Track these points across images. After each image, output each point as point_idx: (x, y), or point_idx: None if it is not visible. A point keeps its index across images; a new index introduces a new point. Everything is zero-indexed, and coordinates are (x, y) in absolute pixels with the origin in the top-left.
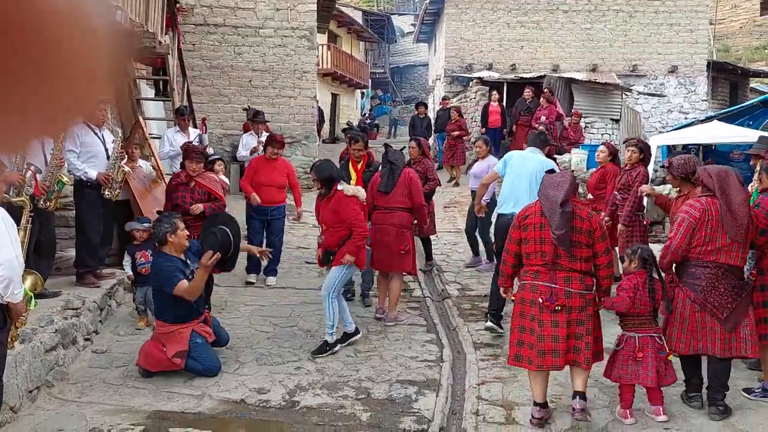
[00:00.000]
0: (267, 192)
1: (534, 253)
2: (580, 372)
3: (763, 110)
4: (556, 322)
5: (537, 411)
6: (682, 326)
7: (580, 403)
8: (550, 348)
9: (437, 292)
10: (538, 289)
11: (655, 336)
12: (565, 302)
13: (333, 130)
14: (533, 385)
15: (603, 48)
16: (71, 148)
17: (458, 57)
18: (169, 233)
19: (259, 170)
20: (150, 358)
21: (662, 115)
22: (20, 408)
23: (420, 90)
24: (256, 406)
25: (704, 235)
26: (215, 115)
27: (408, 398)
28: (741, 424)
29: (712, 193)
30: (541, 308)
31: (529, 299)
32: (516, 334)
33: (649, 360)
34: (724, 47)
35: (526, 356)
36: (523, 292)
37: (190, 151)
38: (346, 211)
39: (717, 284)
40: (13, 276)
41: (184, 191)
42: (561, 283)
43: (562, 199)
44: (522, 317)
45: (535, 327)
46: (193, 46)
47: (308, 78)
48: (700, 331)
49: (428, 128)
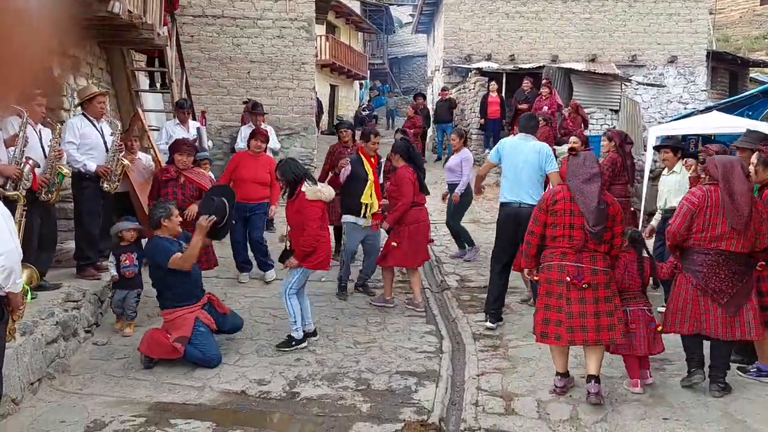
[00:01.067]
0: (249, 188)
1: (562, 237)
2: (595, 356)
3: (762, 100)
4: (584, 299)
5: (559, 380)
6: (684, 309)
7: (594, 386)
8: (579, 324)
9: (436, 284)
10: (565, 269)
11: (645, 309)
12: (591, 280)
13: (331, 122)
14: (556, 358)
15: (602, 38)
16: (71, 140)
17: (457, 47)
18: (163, 218)
19: (242, 165)
20: (152, 342)
21: (661, 106)
22: (22, 400)
23: (419, 81)
24: (256, 398)
25: (703, 222)
26: (213, 107)
27: (408, 389)
28: (739, 414)
29: (716, 182)
30: (568, 286)
31: (556, 279)
32: (542, 313)
33: (641, 331)
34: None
35: (553, 333)
36: (549, 272)
37: (180, 144)
38: (303, 215)
39: (718, 270)
40: (13, 266)
41: (174, 187)
42: (587, 262)
43: (598, 197)
44: (548, 296)
45: (563, 305)
46: (192, 38)
47: (307, 69)
48: (703, 314)
49: (427, 119)
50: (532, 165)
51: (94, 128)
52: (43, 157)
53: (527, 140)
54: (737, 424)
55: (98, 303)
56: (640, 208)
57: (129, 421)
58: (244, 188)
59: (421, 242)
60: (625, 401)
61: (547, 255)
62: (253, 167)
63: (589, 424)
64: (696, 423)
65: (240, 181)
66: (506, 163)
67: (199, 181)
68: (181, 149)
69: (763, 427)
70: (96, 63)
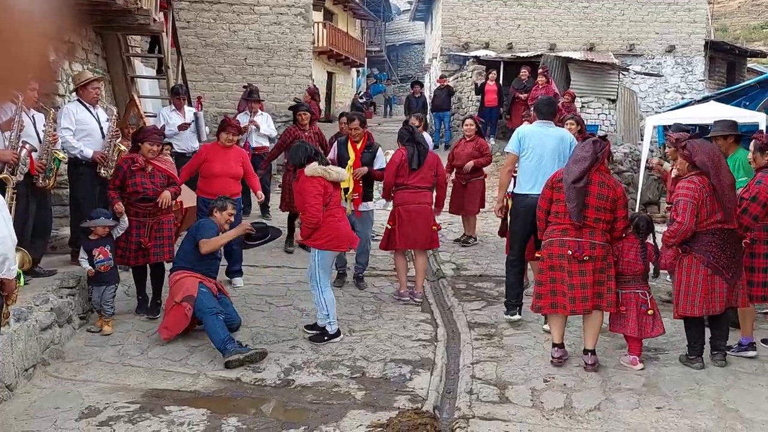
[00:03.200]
0: (221, 183)
1: (563, 213)
2: (592, 330)
3: (759, 91)
4: (584, 271)
5: (556, 351)
6: (695, 291)
7: (591, 358)
8: (580, 295)
9: (432, 272)
10: (566, 244)
11: (638, 292)
12: (590, 253)
13: (329, 109)
14: (554, 328)
15: (600, 27)
16: (67, 126)
17: (455, 36)
18: (217, 209)
19: (213, 159)
20: (169, 321)
21: (659, 95)
22: (16, 386)
23: (416, 69)
24: (251, 385)
25: (706, 211)
26: (210, 93)
27: (402, 377)
28: (731, 404)
29: (701, 172)
30: (569, 260)
31: (558, 253)
32: (548, 285)
33: (632, 313)
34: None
35: (560, 303)
36: (551, 247)
37: (150, 132)
38: (302, 191)
39: (725, 248)
40: (7, 252)
41: (142, 176)
42: (586, 236)
43: (575, 176)
44: (552, 270)
45: (565, 277)
46: (188, 24)
47: (304, 56)
48: (710, 293)
49: (424, 107)
50: (557, 153)
51: (90, 114)
52: (38, 142)
53: (549, 126)
54: (730, 413)
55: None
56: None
57: (123, 407)
58: (219, 184)
59: (417, 225)
60: (619, 390)
61: (549, 231)
62: (224, 161)
63: (583, 413)
64: (689, 412)
65: (212, 176)
66: (529, 153)
67: (167, 168)
68: (151, 138)
69: (756, 416)
70: (92, 48)
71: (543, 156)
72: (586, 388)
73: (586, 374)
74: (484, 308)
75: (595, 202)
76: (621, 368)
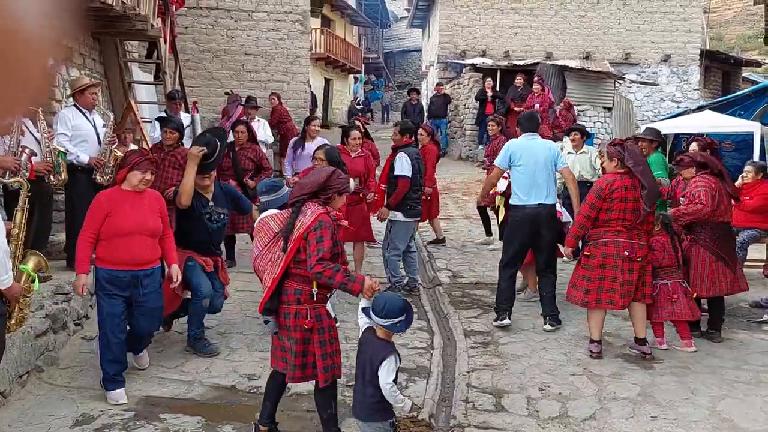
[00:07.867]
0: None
1: (616, 220)
2: (640, 320)
3: (754, 100)
4: (632, 269)
5: (595, 347)
6: (702, 275)
7: (647, 348)
8: (627, 291)
9: (428, 279)
10: (620, 245)
11: (680, 281)
12: (641, 254)
13: (326, 116)
14: (594, 326)
15: (597, 36)
16: (63, 131)
17: (452, 43)
18: None
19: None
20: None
21: (654, 104)
22: (10, 393)
23: (413, 75)
24: (246, 393)
25: (717, 202)
26: (207, 99)
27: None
28: (726, 413)
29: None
30: (623, 260)
31: (612, 253)
32: (596, 282)
33: (682, 299)
34: (718, 36)
35: (606, 299)
36: (605, 247)
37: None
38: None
39: (727, 238)
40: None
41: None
42: (636, 239)
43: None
44: (603, 268)
45: (618, 275)
46: (186, 29)
47: (301, 63)
48: (716, 277)
49: (420, 114)
50: (546, 163)
51: (86, 119)
52: (36, 142)
53: (534, 139)
54: (725, 423)
55: (88, 295)
56: None
57: (118, 415)
58: (125, 246)
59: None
60: (614, 399)
61: (601, 233)
62: (135, 211)
63: (578, 422)
64: (684, 421)
65: (117, 237)
66: (519, 166)
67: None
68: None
69: (751, 426)
70: (89, 54)
71: (536, 167)
72: (582, 397)
73: (582, 383)
74: (480, 316)
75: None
76: (616, 377)
